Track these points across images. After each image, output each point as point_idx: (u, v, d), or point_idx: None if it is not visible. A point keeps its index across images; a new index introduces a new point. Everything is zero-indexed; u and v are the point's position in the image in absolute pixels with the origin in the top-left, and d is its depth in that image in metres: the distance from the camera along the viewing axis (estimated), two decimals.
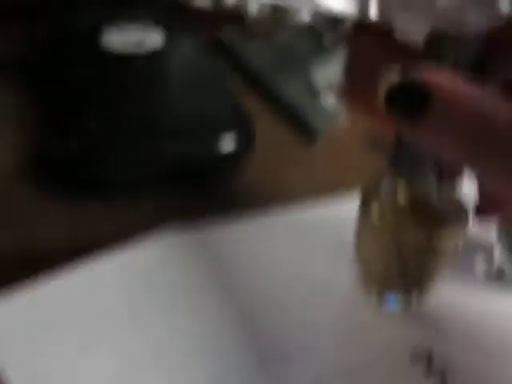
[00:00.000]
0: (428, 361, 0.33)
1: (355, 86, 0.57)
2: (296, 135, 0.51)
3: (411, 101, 0.24)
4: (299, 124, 0.52)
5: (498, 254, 0.40)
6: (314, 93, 0.55)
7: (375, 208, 0.33)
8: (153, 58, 0.52)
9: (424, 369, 0.32)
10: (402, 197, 0.33)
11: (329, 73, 0.56)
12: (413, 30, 0.53)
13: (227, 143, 0.43)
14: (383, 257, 0.34)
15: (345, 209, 0.43)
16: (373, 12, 0.59)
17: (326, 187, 0.45)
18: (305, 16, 0.64)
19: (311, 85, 0.55)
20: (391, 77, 0.25)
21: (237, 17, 0.68)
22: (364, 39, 0.59)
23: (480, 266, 0.40)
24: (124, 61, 0.50)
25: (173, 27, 0.58)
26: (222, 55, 0.65)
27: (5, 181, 0.43)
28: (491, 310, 0.37)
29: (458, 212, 0.33)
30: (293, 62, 0.58)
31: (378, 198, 0.34)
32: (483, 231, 0.42)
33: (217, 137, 0.43)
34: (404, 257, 0.33)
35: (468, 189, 0.33)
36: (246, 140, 0.44)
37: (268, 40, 0.63)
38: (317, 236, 0.41)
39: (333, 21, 0.59)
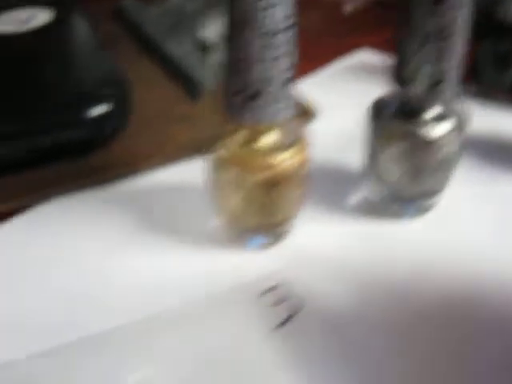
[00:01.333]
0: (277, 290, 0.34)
1: None
2: (182, 92, 0.52)
3: None
4: (185, 81, 0.52)
5: (366, 185, 0.41)
6: (202, 51, 0.55)
7: (219, 148, 0.34)
8: (36, 36, 0.52)
9: (273, 298, 0.33)
10: (241, 134, 0.33)
11: (217, 29, 0.56)
12: None
13: (100, 111, 0.43)
14: (231, 197, 0.34)
15: None
16: None
17: (203, 145, 0.46)
18: None
19: (200, 43, 0.55)
20: None
21: None
22: None
23: (349, 197, 0.41)
24: (7, 40, 0.51)
25: (62, 6, 0.58)
26: (120, 23, 0.65)
27: None
28: (358, 238, 0.38)
29: (295, 140, 0.34)
30: (183, 22, 0.58)
31: (221, 139, 0.34)
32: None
33: (89, 106, 0.43)
34: (249, 193, 0.33)
35: None
36: (122, 104, 0.44)
37: (163, 4, 0.63)
38: (191, 188, 0.42)
39: None
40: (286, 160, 0.33)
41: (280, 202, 0.34)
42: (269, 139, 0.33)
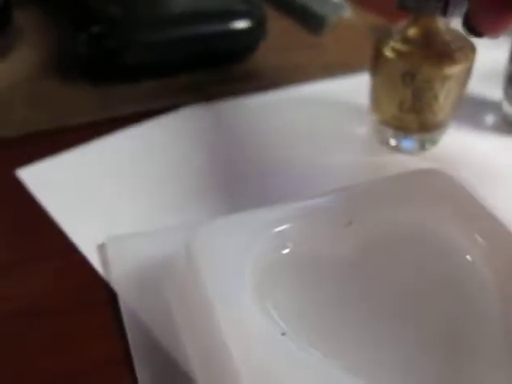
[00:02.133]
0: None
1: None
2: (306, 25, 0.53)
3: None
4: (309, 15, 0.54)
5: (508, 107, 0.42)
6: None
7: (388, 46, 0.35)
8: None
9: None
10: (412, 31, 0.35)
11: None
12: None
13: (243, 23, 0.45)
14: (398, 94, 0.36)
15: (355, 82, 0.46)
16: None
17: (335, 68, 0.48)
18: None
19: None
20: None
21: None
22: None
23: (489, 118, 0.43)
24: None
25: None
26: None
27: (36, 73, 0.45)
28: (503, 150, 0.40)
29: (464, 42, 0.35)
30: None
31: (390, 39, 0.36)
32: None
33: (233, 18, 0.45)
34: (418, 88, 0.35)
35: None
36: (260, 22, 0.46)
37: None
38: (332, 103, 0.44)
39: None
40: (459, 60, 0.35)
41: (444, 101, 0.36)
42: (438, 39, 0.35)
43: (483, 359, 0.23)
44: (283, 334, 0.21)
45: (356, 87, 0.44)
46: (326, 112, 0.43)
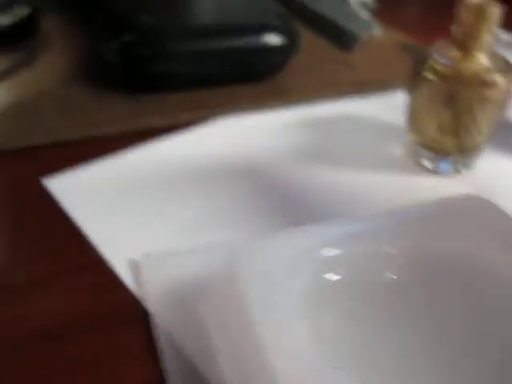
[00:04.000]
0: None
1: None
2: (335, 42, 0.53)
3: None
4: (338, 32, 0.53)
5: None
6: (349, 9, 0.56)
7: (430, 67, 0.35)
8: None
9: None
10: (453, 53, 0.34)
11: None
12: None
13: (275, 38, 0.44)
14: (438, 116, 0.35)
15: (386, 100, 0.45)
16: None
17: (365, 85, 0.47)
18: None
19: (346, 3, 0.57)
20: None
21: None
22: None
23: None
24: None
25: None
26: None
27: (64, 80, 0.45)
28: None
29: (504, 65, 0.35)
30: None
31: (429, 59, 0.35)
32: None
33: (265, 32, 0.44)
34: (458, 111, 0.34)
35: None
36: (292, 36, 0.45)
37: None
38: (363, 121, 0.43)
39: None
40: (499, 82, 0.34)
41: (482, 124, 0.35)
42: (479, 61, 0.34)
43: None
44: (336, 368, 0.20)
45: (387, 105, 0.44)
46: (357, 131, 0.42)
